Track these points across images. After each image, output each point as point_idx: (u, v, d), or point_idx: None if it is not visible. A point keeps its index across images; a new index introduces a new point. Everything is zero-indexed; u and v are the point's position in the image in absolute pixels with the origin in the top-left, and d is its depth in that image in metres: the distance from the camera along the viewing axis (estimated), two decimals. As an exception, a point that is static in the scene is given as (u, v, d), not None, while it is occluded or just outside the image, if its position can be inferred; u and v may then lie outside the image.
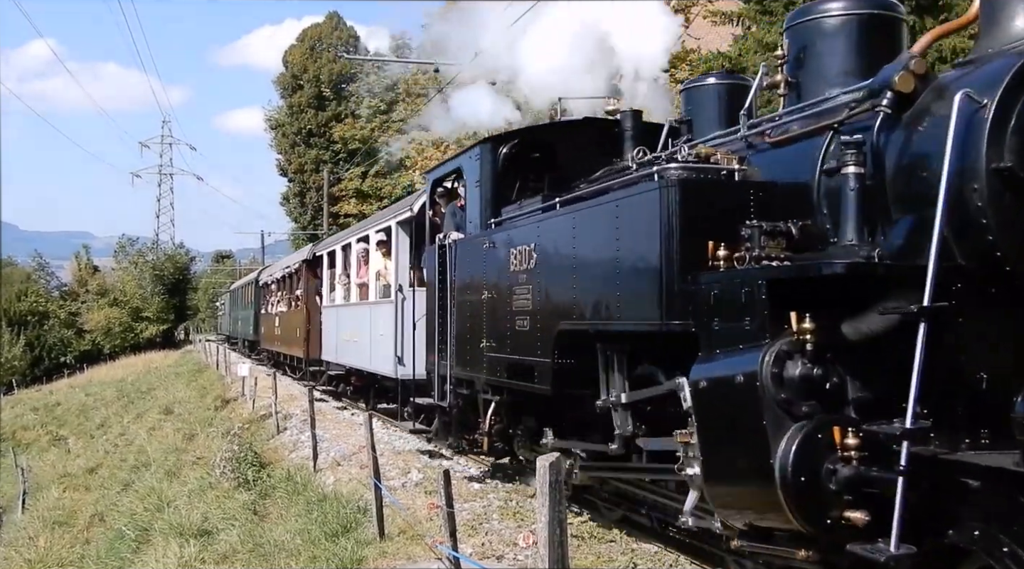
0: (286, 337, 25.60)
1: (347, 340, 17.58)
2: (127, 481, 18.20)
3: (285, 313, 26.04)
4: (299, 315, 22.67)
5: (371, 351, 15.36)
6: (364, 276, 16.66)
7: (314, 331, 21.23)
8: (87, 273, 75.72)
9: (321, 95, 61.67)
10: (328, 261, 20.64)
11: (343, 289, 18.57)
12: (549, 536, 3.97)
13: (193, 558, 9.88)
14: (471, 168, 9.56)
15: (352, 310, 17.53)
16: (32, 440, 39.15)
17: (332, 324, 19.42)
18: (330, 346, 19.55)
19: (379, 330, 14.64)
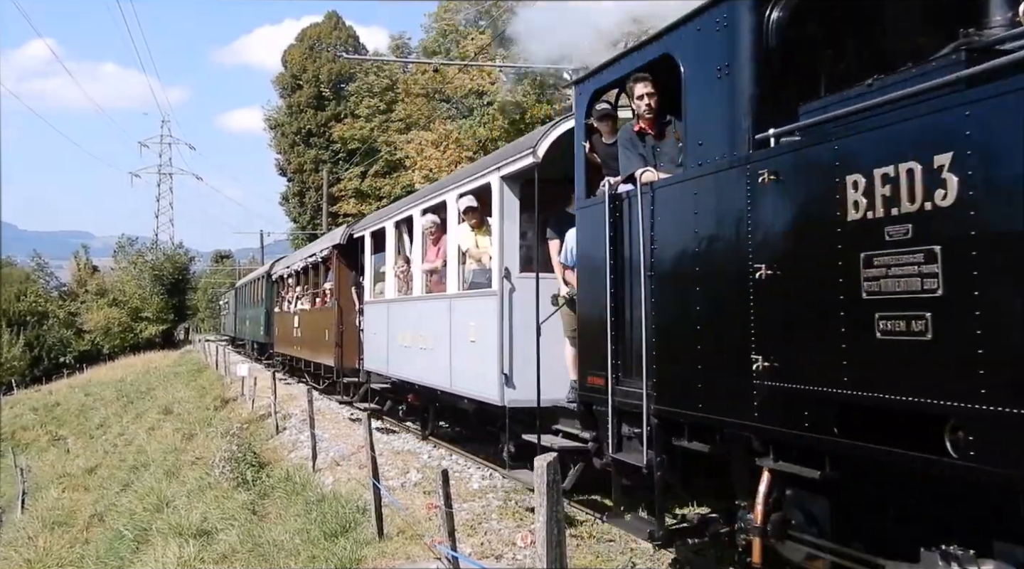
0: (309, 340, 21.10)
1: (406, 346, 12.99)
2: (126, 481, 18.20)
3: (308, 312, 21.84)
4: (327, 314, 18.76)
5: (452, 363, 10.89)
6: (436, 259, 12.08)
7: (350, 333, 17.44)
8: (86, 273, 75.73)
9: (320, 95, 61.69)
10: (372, 244, 16.02)
11: (399, 279, 13.94)
12: (547, 536, 3.98)
13: (192, 558, 9.89)
14: (701, 47, 5.55)
15: (417, 306, 12.74)
16: (31, 440, 39.15)
17: (380, 324, 14.80)
18: (377, 353, 15.00)
19: (468, 334, 10.34)
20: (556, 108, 27.48)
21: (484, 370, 9.60)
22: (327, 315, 18.72)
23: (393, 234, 14.28)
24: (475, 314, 10.16)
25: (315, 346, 20.20)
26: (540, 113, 27.44)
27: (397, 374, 13.63)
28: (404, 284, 13.62)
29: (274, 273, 28.52)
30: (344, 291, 17.80)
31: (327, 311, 18.87)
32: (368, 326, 15.83)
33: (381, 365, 14.58)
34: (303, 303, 22.65)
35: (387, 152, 44.99)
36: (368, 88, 52.12)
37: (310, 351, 21.00)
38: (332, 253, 18.56)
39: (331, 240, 19.01)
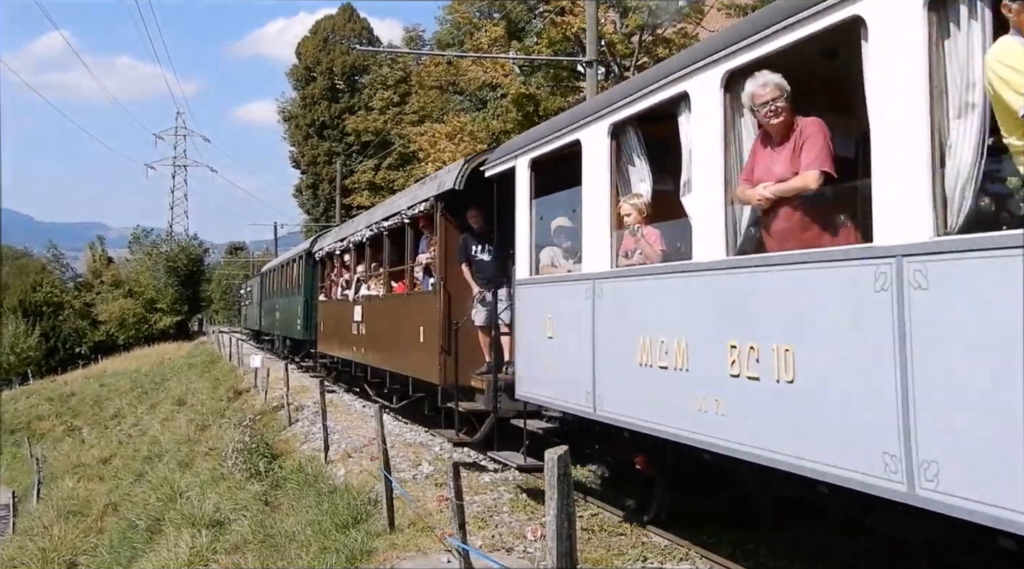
0: (384, 340, 14.87)
1: (684, 372, 6.10)
2: (140, 471, 18.33)
3: (381, 300, 15.45)
4: (424, 303, 12.44)
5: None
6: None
7: (467, 334, 11.25)
8: (101, 264, 76.26)
9: (334, 87, 61.82)
10: (532, 180, 8.93)
11: (639, 239, 7.08)
12: (558, 529, 3.96)
13: (205, 548, 9.95)
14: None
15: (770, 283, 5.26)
16: (47, 430, 39.53)
17: (570, 321, 7.93)
18: (559, 371, 8.16)
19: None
20: (570, 100, 27.41)
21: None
22: (423, 304, 12.45)
23: (606, 147, 7.29)
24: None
25: (396, 350, 13.97)
26: (554, 106, 27.38)
27: (638, 419, 6.75)
28: (650, 246, 6.90)
29: (318, 250, 22.20)
30: (453, 267, 11.44)
31: (422, 298, 12.64)
32: (525, 322, 8.95)
33: (571, 393, 7.75)
34: (370, 287, 16.39)
35: (400, 144, 45.05)
36: (382, 80, 52.25)
37: (385, 356, 14.80)
38: (435, 208, 11.93)
39: (434, 188, 12.08)
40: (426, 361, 11.90)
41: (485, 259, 11.04)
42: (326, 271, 21.47)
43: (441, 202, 11.68)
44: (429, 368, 11.77)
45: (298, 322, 25.59)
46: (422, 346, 12.15)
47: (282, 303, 29.90)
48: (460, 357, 11.07)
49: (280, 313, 30.61)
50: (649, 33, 27.29)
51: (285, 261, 30.79)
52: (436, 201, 11.77)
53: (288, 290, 28.31)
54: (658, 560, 6.99)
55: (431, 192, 12.04)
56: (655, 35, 27.43)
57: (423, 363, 12.08)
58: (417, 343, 12.36)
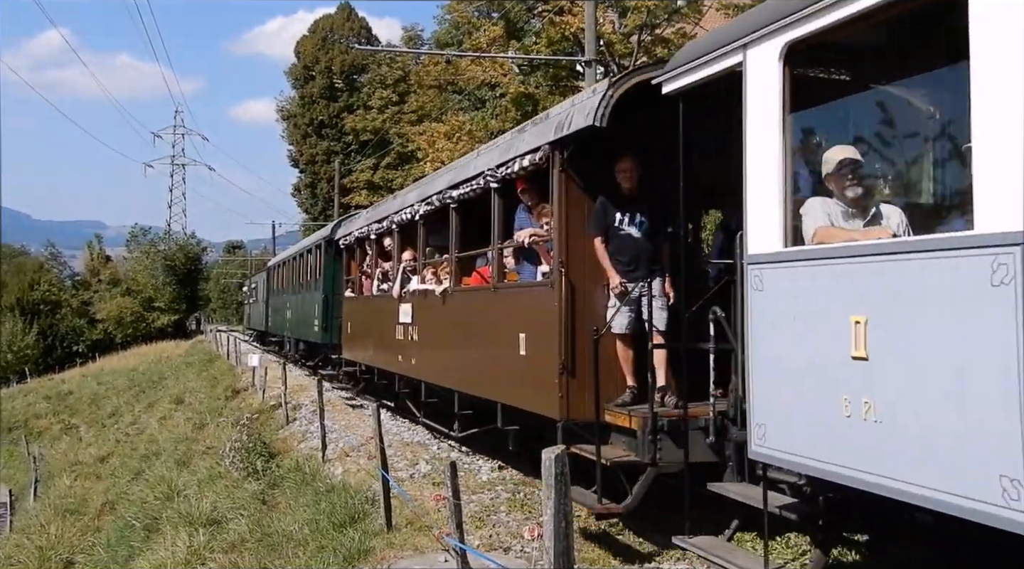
0: (456, 353, 10.84)
1: None
2: (138, 470, 18.32)
3: (446, 297, 11.16)
4: (524, 300, 8.87)
5: None
6: None
7: (608, 345, 7.55)
8: (99, 263, 76.26)
9: (333, 86, 61.79)
10: (787, 79, 5.26)
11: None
12: (555, 528, 3.96)
13: (202, 547, 9.94)
14: None
15: None
16: (44, 428, 39.51)
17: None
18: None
19: None
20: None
21: None
22: (526, 301, 8.72)
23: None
24: None
25: (474, 364, 10.01)
26: (552, 105, 27.38)
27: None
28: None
29: (343, 237, 18.16)
30: (579, 246, 7.85)
31: (526, 293, 8.86)
32: (787, 329, 5.27)
33: (945, 473, 4.12)
34: (426, 279, 12.09)
35: (399, 144, 45.03)
36: (380, 79, 52.21)
37: (454, 371, 10.71)
38: (549, 161, 8.05)
39: (548, 131, 8.10)
40: (531, 383, 8.22)
41: (633, 234, 7.57)
42: (354, 261, 17.59)
43: (562, 151, 7.75)
44: (539, 394, 8.01)
45: (315, 323, 21.56)
46: (524, 361, 8.39)
47: (295, 301, 26.05)
48: (587, 378, 7.38)
49: (292, 312, 26.38)
50: (648, 33, 27.29)
51: (298, 252, 26.29)
52: (553, 151, 7.80)
53: (302, 285, 24.62)
54: (655, 560, 7.00)
55: (543, 138, 8.02)
56: (654, 35, 27.43)
57: (526, 386, 8.37)
58: (513, 356, 8.55)
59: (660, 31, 27.67)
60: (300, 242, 31.32)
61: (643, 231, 7.62)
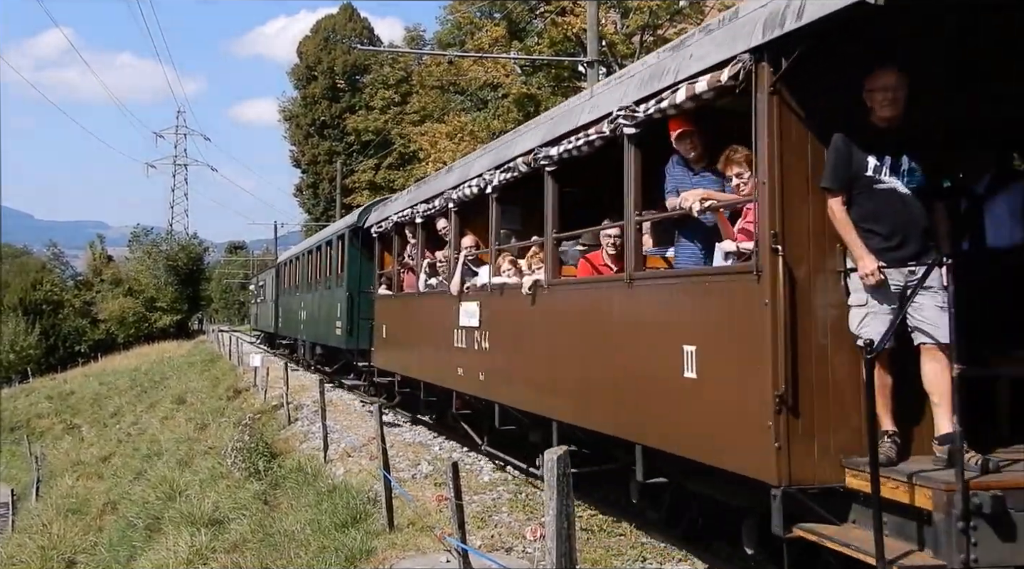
0: (560, 371, 7.68)
1: None
2: (139, 470, 18.32)
3: (539, 296, 8.15)
4: (701, 296, 5.71)
5: None
6: None
7: (819, 367, 4.93)
8: (101, 263, 76.26)
9: (335, 86, 61.82)
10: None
11: None
12: (557, 529, 3.96)
13: (204, 547, 9.94)
14: None
15: None
16: (46, 428, 39.50)
17: None
18: None
19: None
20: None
21: None
22: (718, 296, 5.54)
23: None
24: None
25: (587, 386, 7.21)
26: (554, 106, 27.37)
27: None
28: None
29: (376, 224, 15.09)
30: (799, 213, 5.03)
31: (717, 285, 5.61)
32: None
33: None
34: (503, 270, 9.38)
35: (401, 144, 45.04)
36: (382, 80, 52.25)
37: (560, 396, 7.77)
38: (751, 78, 5.07)
39: (746, 34, 5.11)
40: (707, 422, 5.47)
41: (898, 189, 4.94)
42: (390, 252, 14.61)
43: (774, 61, 4.95)
44: (727, 442, 5.29)
45: (337, 324, 18.40)
46: (690, 389, 5.64)
47: (311, 299, 22.77)
48: (819, 418, 4.88)
49: (308, 312, 23.22)
50: (650, 33, 27.29)
51: (315, 245, 22.89)
52: (757, 63, 5.00)
53: (321, 282, 21.40)
54: (657, 561, 6.99)
55: (737, 44, 5.16)
56: (656, 35, 27.44)
57: (694, 425, 5.63)
58: (670, 380, 5.83)
59: (662, 31, 27.67)
60: (318, 233, 27.09)
61: (914, 184, 4.90)
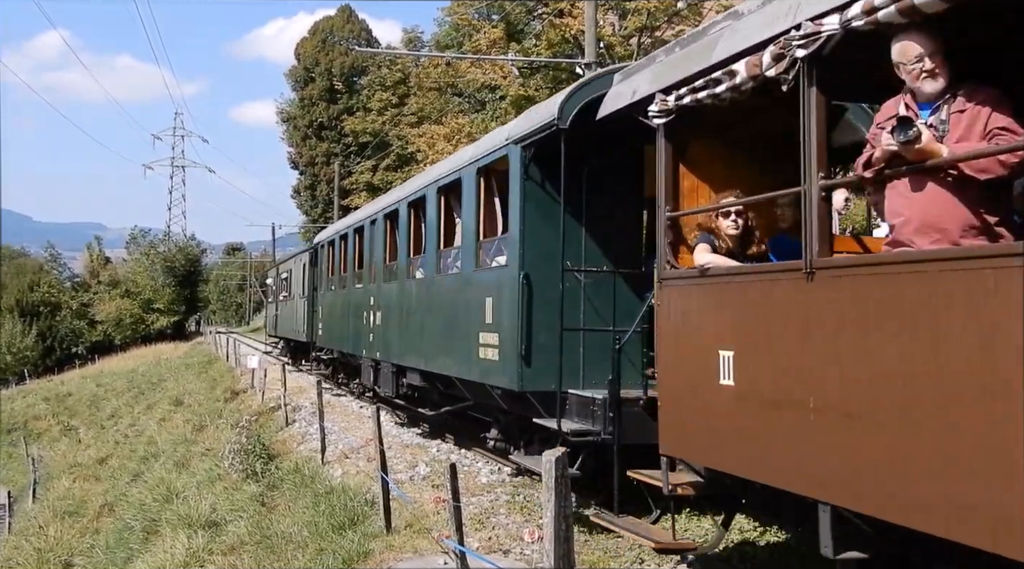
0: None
1: None
2: (137, 472, 18.30)
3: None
4: None
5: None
6: None
7: None
8: (99, 264, 76.20)
9: (333, 88, 61.84)
10: None
11: None
12: (555, 531, 3.95)
13: (201, 549, 9.93)
14: None
15: None
16: (43, 430, 39.43)
17: None
18: None
19: None
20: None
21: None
22: None
23: None
24: None
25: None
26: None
27: None
28: None
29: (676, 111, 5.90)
30: None
31: None
32: None
33: None
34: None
35: (399, 146, 45.03)
36: (380, 82, 52.19)
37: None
38: None
39: None
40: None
41: None
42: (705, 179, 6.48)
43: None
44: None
45: (489, 343, 9.33)
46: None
47: (401, 294, 13.32)
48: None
49: (392, 318, 13.74)
50: (648, 35, 27.31)
51: (408, 198, 13.02)
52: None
53: (429, 261, 11.84)
54: (654, 562, 6.98)
55: None
56: (654, 37, 27.45)
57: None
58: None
59: (660, 33, 27.69)
60: (405, 185, 14.97)
61: None
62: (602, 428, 7.28)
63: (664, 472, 5.90)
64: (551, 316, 8.14)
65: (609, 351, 7.38)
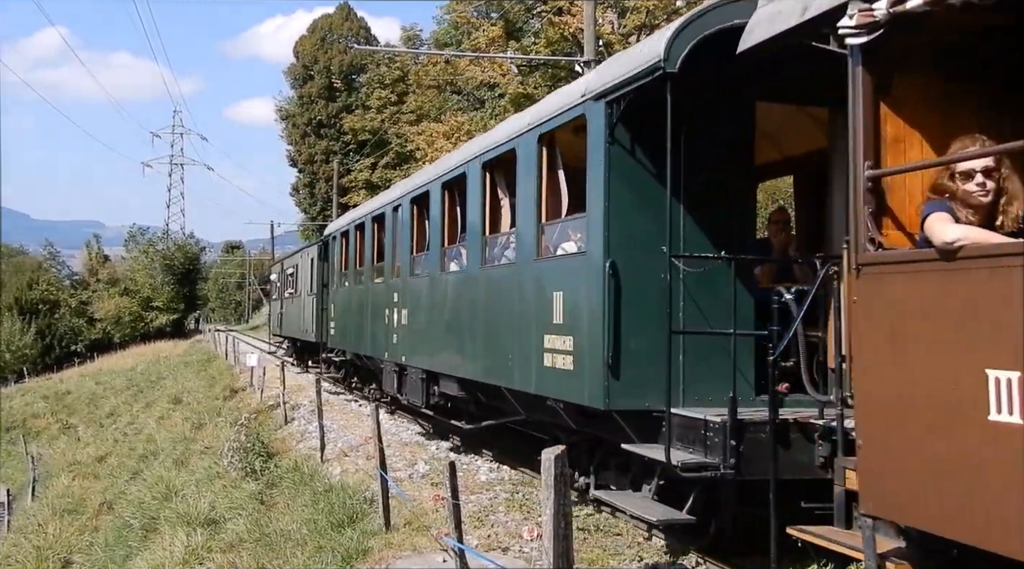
0: None
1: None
2: (136, 470, 18.30)
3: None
4: None
5: None
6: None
7: None
8: (98, 262, 76.20)
9: (331, 86, 61.78)
10: None
11: None
12: (554, 529, 3.95)
13: (200, 547, 9.93)
14: None
15: None
16: (42, 428, 39.43)
17: None
18: None
19: None
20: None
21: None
22: None
23: None
24: None
25: None
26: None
27: None
28: None
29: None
30: None
31: None
32: None
33: None
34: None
35: (398, 144, 45.01)
36: (379, 79, 52.16)
37: None
38: None
39: None
40: None
41: None
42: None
43: None
44: None
45: (582, 350, 7.27)
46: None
47: (437, 288, 11.41)
48: None
49: (422, 314, 12.00)
50: (647, 33, 27.29)
51: (448, 176, 11.13)
52: None
53: (481, 245, 9.83)
54: (654, 560, 6.98)
55: None
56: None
57: None
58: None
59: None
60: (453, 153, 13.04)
61: None
62: (721, 459, 5.96)
63: (868, 540, 4.45)
64: (647, 315, 6.75)
65: (715, 360, 6.39)
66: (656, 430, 6.57)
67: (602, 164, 6.91)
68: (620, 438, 6.93)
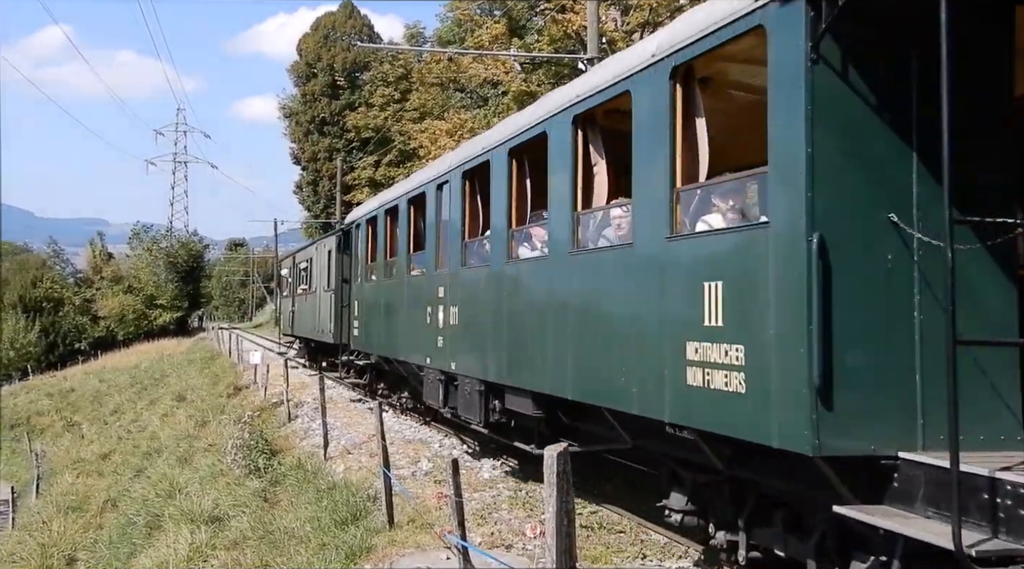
0: None
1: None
2: (140, 467, 18.33)
3: None
4: None
5: None
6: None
7: None
8: (102, 260, 76.21)
9: (335, 84, 61.80)
10: None
11: None
12: (557, 526, 3.95)
13: (204, 544, 9.95)
14: None
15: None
16: (46, 426, 39.49)
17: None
18: None
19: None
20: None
21: None
22: None
23: None
24: None
25: None
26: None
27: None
28: None
29: None
30: None
31: None
32: None
33: None
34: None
35: (401, 141, 45.00)
36: (382, 77, 52.14)
37: None
38: None
39: None
40: None
41: None
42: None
43: None
44: None
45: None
46: None
47: (511, 287, 8.95)
48: None
49: (498, 319, 9.16)
50: (651, 30, 27.26)
51: (529, 129, 8.59)
52: None
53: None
54: (657, 557, 6.98)
55: None
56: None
57: None
58: None
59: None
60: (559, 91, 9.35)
61: None
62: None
63: None
64: (872, 313, 4.71)
65: (963, 381, 4.18)
66: (883, 485, 4.64)
67: (803, 99, 4.71)
68: (823, 493, 4.85)
